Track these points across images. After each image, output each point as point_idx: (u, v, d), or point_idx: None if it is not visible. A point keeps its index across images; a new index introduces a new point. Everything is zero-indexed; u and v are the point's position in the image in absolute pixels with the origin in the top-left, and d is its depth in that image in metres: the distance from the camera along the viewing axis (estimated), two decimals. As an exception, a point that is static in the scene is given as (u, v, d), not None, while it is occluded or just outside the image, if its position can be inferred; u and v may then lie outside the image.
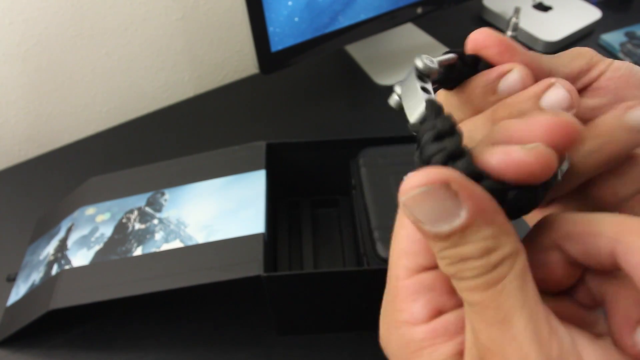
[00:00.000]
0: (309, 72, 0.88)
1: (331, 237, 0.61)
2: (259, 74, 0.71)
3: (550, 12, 0.92)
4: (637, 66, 0.24)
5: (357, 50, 0.90)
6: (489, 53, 0.21)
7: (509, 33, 0.81)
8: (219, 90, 0.87)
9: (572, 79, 0.24)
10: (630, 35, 0.89)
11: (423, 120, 0.18)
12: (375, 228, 0.48)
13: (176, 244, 0.50)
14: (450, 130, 0.17)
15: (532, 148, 0.16)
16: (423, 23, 0.93)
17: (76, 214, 0.58)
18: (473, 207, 0.15)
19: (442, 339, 0.17)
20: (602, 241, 0.16)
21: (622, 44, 0.87)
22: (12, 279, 0.58)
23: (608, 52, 0.88)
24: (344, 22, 0.73)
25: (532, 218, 0.22)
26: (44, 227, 0.61)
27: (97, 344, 0.53)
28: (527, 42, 0.89)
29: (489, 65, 0.22)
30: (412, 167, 0.19)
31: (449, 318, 0.18)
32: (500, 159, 0.16)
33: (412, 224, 0.17)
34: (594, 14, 0.91)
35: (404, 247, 0.19)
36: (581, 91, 0.24)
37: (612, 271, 0.17)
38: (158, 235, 0.52)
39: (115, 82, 0.82)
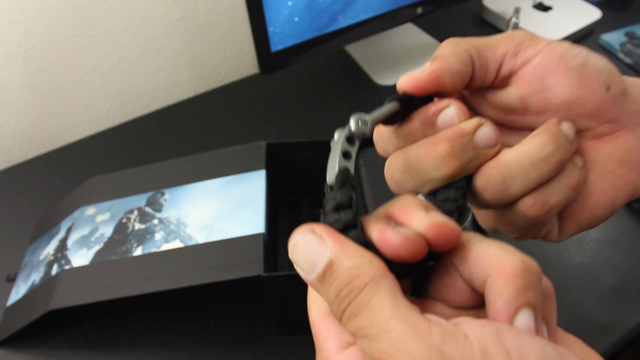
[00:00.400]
0: (309, 72, 0.88)
1: (331, 237, 0.61)
2: (259, 74, 0.71)
3: (550, 12, 0.92)
4: (574, 48, 0.24)
5: (357, 50, 0.90)
6: (420, 91, 0.24)
7: (509, 33, 0.81)
8: (219, 90, 0.87)
9: (496, 62, 0.24)
10: (630, 35, 0.89)
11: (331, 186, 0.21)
12: (375, 228, 0.48)
13: (176, 244, 0.50)
14: (348, 203, 0.20)
15: (403, 234, 0.18)
16: (423, 23, 0.93)
17: (76, 214, 0.58)
18: (334, 244, 0.18)
19: None
20: (480, 271, 0.19)
21: (622, 44, 0.87)
22: (12, 279, 0.58)
23: (608, 52, 0.88)
24: (344, 22, 0.73)
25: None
26: (44, 227, 0.61)
27: (97, 344, 0.53)
28: (527, 42, 0.89)
29: (423, 99, 0.24)
30: None
31: (351, 351, 0.19)
32: (377, 237, 0.19)
33: (318, 306, 0.20)
34: (594, 14, 0.91)
35: (326, 328, 0.20)
36: (507, 78, 0.25)
37: None
38: (158, 235, 0.52)
39: (115, 82, 0.82)
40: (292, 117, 0.80)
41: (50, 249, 0.56)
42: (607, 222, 0.63)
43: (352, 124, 0.22)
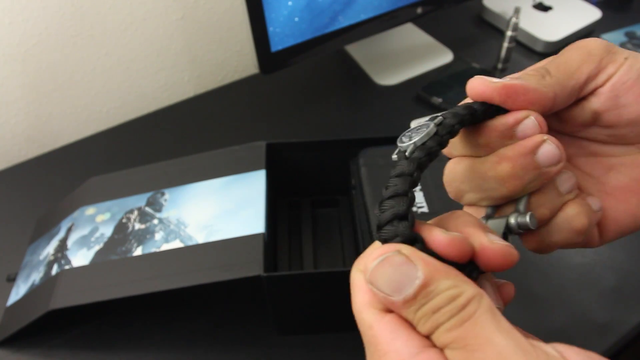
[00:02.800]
0: (309, 72, 0.88)
1: (331, 237, 0.61)
2: (259, 74, 0.71)
3: (550, 12, 0.92)
4: None
5: (357, 50, 0.90)
6: (494, 101, 0.23)
7: (509, 33, 0.81)
8: (219, 90, 0.87)
9: (579, 89, 0.24)
10: (630, 35, 0.89)
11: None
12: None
13: (176, 244, 0.50)
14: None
15: (451, 236, 0.19)
16: (423, 23, 0.93)
17: (76, 214, 0.58)
18: (426, 266, 0.18)
19: None
20: None
21: (622, 44, 0.87)
22: (12, 279, 0.58)
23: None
24: (344, 22, 0.73)
25: None
26: (44, 227, 0.61)
27: (97, 344, 0.53)
28: (527, 42, 0.89)
29: (500, 110, 0.23)
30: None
31: (432, 353, 0.18)
32: (428, 236, 0.20)
33: (371, 306, 0.19)
34: (594, 14, 0.91)
35: (363, 298, 0.20)
36: (585, 96, 0.24)
37: None
38: (158, 235, 0.52)
39: (115, 82, 0.82)
40: (292, 117, 0.80)
41: (50, 249, 0.56)
42: (607, 222, 0.63)
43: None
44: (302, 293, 0.48)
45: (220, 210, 0.52)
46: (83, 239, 0.54)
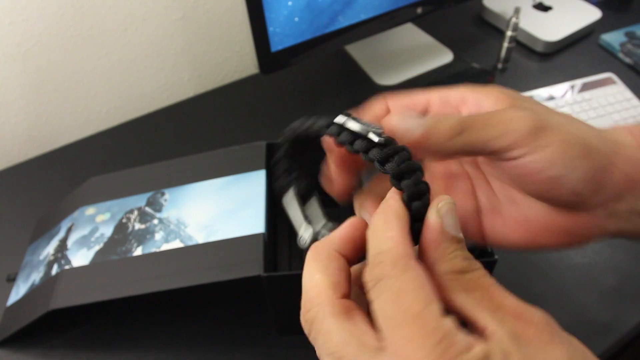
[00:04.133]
0: (309, 72, 0.88)
1: (331, 237, 0.61)
2: (259, 74, 0.71)
3: (550, 12, 0.92)
4: (555, 159, 0.23)
5: (357, 50, 0.90)
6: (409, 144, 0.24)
7: (509, 33, 0.81)
8: (219, 90, 0.87)
9: (487, 153, 0.24)
10: (630, 35, 0.89)
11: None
12: (375, 228, 0.48)
13: (176, 244, 0.50)
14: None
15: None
16: (423, 23, 0.93)
17: (76, 214, 0.58)
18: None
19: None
20: None
21: (622, 44, 0.87)
22: (12, 279, 0.58)
23: (608, 52, 0.88)
24: (344, 22, 0.73)
25: None
26: (44, 227, 0.61)
27: (97, 344, 0.53)
28: (527, 42, 0.89)
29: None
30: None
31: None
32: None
33: (419, 276, 0.20)
34: (594, 14, 0.91)
35: (427, 294, 0.20)
36: (492, 159, 0.25)
37: None
38: (158, 235, 0.52)
39: (115, 82, 0.82)
40: (292, 117, 0.79)
41: (50, 249, 0.56)
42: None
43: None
44: (302, 293, 0.48)
45: (220, 210, 0.52)
46: (83, 239, 0.54)
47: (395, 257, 0.20)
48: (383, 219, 0.22)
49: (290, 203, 0.23)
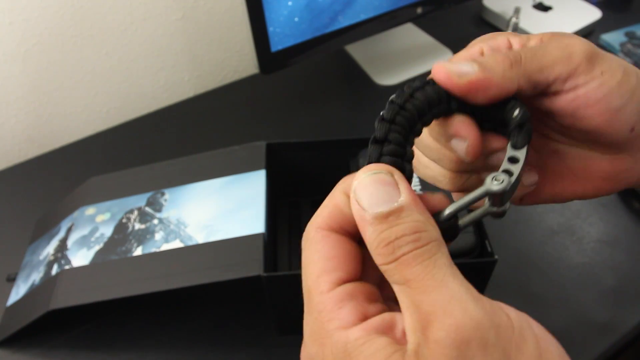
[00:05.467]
0: (309, 72, 0.88)
1: (331, 237, 0.61)
2: (259, 74, 0.71)
3: (550, 12, 0.92)
4: (623, 87, 0.23)
5: (357, 50, 0.90)
6: (453, 93, 0.23)
7: (509, 33, 0.81)
8: (219, 90, 0.87)
9: (544, 86, 0.23)
10: (630, 35, 0.89)
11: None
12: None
13: (176, 244, 0.50)
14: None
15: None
16: (423, 23, 0.93)
17: (76, 214, 0.58)
18: (409, 194, 0.19)
19: (376, 334, 0.18)
20: None
21: (622, 44, 0.87)
22: (12, 279, 0.58)
23: (608, 51, 0.88)
24: (344, 22, 0.73)
25: None
26: (44, 227, 0.61)
27: (97, 344, 0.53)
28: (527, 42, 0.89)
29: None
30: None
31: (376, 320, 0.19)
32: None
33: (324, 248, 0.20)
34: (594, 14, 0.91)
35: (321, 266, 0.20)
36: (546, 95, 0.24)
37: None
38: (158, 235, 0.52)
39: (115, 82, 0.82)
40: (292, 117, 0.80)
41: (50, 249, 0.56)
42: (607, 222, 0.63)
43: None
44: (302, 293, 0.48)
45: (220, 210, 0.52)
46: (83, 239, 0.54)
47: (308, 230, 0.21)
48: (336, 186, 0.22)
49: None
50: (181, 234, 0.51)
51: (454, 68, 0.22)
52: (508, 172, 0.22)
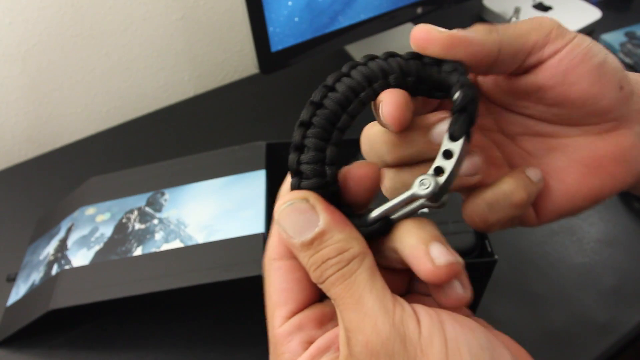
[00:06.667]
0: (309, 72, 0.88)
1: (331, 237, 0.61)
2: (259, 74, 0.71)
3: (550, 12, 0.92)
4: (596, 45, 0.24)
5: (357, 50, 0.90)
6: (434, 51, 0.23)
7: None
8: (219, 90, 0.87)
9: (525, 53, 0.24)
10: (630, 35, 0.89)
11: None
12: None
13: (176, 244, 0.50)
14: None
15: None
16: (423, 23, 0.93)
17: (76, 214, 0.58)
18: (327, 216, 0.20)
19: (318, 355, 0.20)
20: (400, 255, 0.21)
21: (622, 44, 0.87)
22: (12, 279, 0.58)
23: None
24: (344, 22, 0.73)
25: None
26: (44, 227, 0.61)
27: (97, 344, 0.53)
28: (527, 42, 0.89)
29: (434, 60, 0.23)
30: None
31: (319, 342, 0.21)
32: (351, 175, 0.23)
33: (276, 281, 0.22)
34: (594, 14, 0.91)
35: (274, 301, 0.22)
36: (530, 67, 0.24)
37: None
38: (158, 235, 0.52)
39: (115, 82, 0.82)
40: (292, 117, 0.80)
41: (50, 249, 0.56)
42: (607, 222, 0.63)
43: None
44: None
45: (220, 210, 0.52)
46: (83, 239, 0.54)
47: (264, 261, 0.22)
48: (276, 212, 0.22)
49: None
50: (181, 234, 0.51)
51: (435, 27, 0.22)
52: (438, 171, 0.21)
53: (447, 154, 0.21)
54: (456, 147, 0.21)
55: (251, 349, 0.52)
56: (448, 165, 0.21)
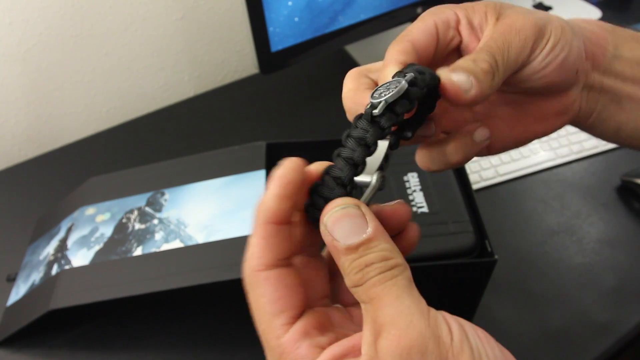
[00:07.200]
0: (309, 72, 0.88)
1: (331, 237, 0.61)
2: (259, 74, 0.71)
3: (550, 12, 0.92)
4: (564, 36, 0.27)
5: (357, 50, 0.90)
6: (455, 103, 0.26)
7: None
8: (219, 90, 0.87)
9: (523, 63, 0.27)
10: (630, 35, 0.89)
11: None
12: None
13: (176, 244, 0.50)
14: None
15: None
16: (423, 23, 0.93)
17: (76, 214, 0.58)
18: (376, 226, 0.21)
19: None
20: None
21: (622, 44, 0.87)
22: (12, 279, 0.58)
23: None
24: (344, 22, 0.73)
25: None
26: (44, 227, 0.61)
27: (97, 344, 0.53)
28: (527, 42, 0.89)
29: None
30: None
31: (334, 349, 0.21)
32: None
33: (267, 291, 0.22)
34: (594, 14, 0.91)
35: (270, 311, 0.22)
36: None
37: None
38: (158, 235, 0.52)
39: (115, 82, 0.82)
40: (292, 117, 0.80)
41: (50, 249, 0.56)
42: (607, 222, 0.63)
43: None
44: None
45: (220, 210, 0.52)
46: (83, 239, 0.54)
47: (246, 273, 0.22)
48: (254, 220, 0.22)
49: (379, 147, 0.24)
50: (181, 234, 0.51)
51: (460, 83, 0.25)
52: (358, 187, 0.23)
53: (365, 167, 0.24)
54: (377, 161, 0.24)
55: (251, 349, 0.52)
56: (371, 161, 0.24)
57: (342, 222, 0.21)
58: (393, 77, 0.24)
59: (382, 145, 0.24)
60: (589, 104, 0.30)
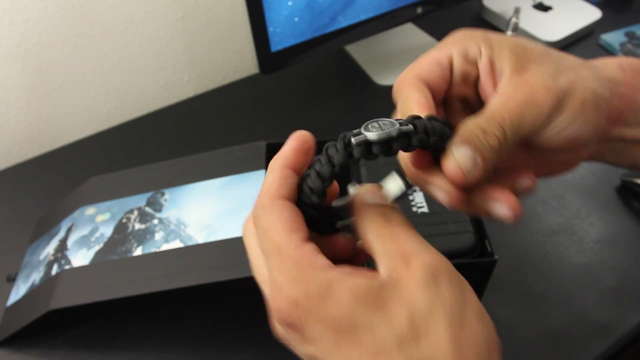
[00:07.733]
0: (309, 72, 0.88)
1: (331, 237, 0.61)
2: (259, 74, 0.71)
3: (550, 12, 0.92)
4: (585, 92, 0.26)
5: (357, 50, 0.90)
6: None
7: (509, 33, 0.81)
8: (219, 90, 0.87)
9: (534, 134, 0.26)
10: (630, 35, 0.89)
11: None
12: (375, 228, 0.48)
13: (176, 244, 0.50)
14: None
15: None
16: (423, 23, 0.93)
17: (76, 214, 0.58)
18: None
19: (355, 274, 0.22)
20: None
21: (622, 44, 0.87)
22: (12, 279, 0.58)
23: (608, 52, 0.88)
24: (344, 22, 0.73)
25: None
26: (44, 227, 0.61)
27: (97, 344, 0.53)
28: (527, 42, 0.89)
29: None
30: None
31: (345, 267, 0.23)
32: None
33: (285, 213, 0.23)
34: (594, 14, 0.91)
35: (288, 227, 0.23)
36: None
37: None
38: (158, 235, 0.52)
39: (115, 82, 0.82)
40: (292, 117, 0.80)
41: (50, 249, 0.56)
42: (607, 222, 0.63)
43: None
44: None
45: (220, 210, 0.52)
46: (83, 239, 0.54)
47: (263, 200, 0.24)
48: (270, 166, 0.25)
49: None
50: (181, 234, 0.51)
51: (464, 166, 0.24)
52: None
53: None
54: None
55: (251, 349, 0.52)
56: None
57: (370, 194, 0.27)
58: (403, 119, 0.24)
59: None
60: (606, 147, 0.30)
